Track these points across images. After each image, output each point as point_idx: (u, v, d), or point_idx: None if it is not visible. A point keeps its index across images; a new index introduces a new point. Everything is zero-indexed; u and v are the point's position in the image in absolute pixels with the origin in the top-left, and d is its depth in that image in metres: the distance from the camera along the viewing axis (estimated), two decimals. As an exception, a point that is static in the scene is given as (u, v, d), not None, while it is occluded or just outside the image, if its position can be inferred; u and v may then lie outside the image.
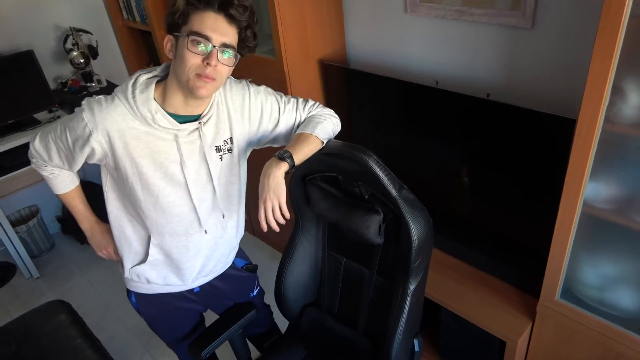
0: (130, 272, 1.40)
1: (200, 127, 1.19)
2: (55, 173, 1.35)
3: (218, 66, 1.08)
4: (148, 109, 1.13)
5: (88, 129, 1.13)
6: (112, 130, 1.13)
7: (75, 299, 2.65)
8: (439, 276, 1.85)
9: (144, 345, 2.39)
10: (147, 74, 1.18)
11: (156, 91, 1.15)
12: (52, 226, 3.24)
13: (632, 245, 1.31)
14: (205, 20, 1.05)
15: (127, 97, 1.13)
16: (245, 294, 1.65)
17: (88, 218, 1.47)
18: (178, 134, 1.17)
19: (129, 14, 2.90)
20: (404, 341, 1.27)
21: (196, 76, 1.07)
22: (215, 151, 1.25)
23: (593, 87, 1.13)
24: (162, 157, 1.18)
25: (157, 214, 1.26)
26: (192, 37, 1.05)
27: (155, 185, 1.21)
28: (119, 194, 1.28)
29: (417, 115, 1.86)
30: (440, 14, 1.76)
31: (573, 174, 1.27)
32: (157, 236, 1.31)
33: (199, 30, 1.05)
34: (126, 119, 1.13)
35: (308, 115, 1.32)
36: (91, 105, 1.14)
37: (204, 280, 1.48)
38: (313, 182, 1.35)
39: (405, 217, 1.16)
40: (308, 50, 2.08)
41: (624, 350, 1.41)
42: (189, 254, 1.36)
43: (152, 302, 1.48)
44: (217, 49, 1.06)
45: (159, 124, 1.15)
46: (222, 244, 1.43)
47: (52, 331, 1.79)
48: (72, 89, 2.87)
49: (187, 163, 1.21)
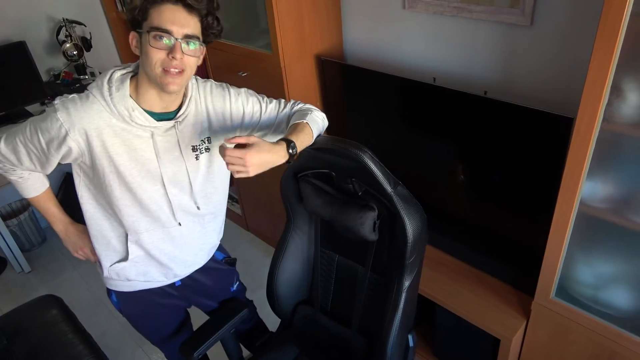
0: (109, 271, 1.37)
1: (176, 125, 1.20)
2: (24, 177, 1.32)
3: (184, 58, 1.07)
4: (125, 107, 1.12)
5: (64, 129, 1.10)
6: (89, 128, 1.11)
7: (67, 294, 2.64)
8: (434, 274, 1.84)
9: (136, 341, 2.38)
10: (122, 70, 1.17)
11: (131, 87, 1.14)
12: (44, 220, 3.19)
13: (627, 245, 1.31)
14: (163, 13, 1.03)
15: (103, 94, 1.12)
16: (226, 289, 1.64)
17: (61, 219, 1.44)
18: (154, 132, 1.17)
19: (123, 6, 2.87)
20: (398, 337, 1.26)
21: (163, 72, 1.07)
22: (191, 150, 1.24)
23: (592, 86, 1.12)
24: (139, 154, 1.18)
25: (134, 210, 1.25)
26: (153, 33, 1.04)
27: (134, 182, 1.20)
28: (94, 192, 1.26)
29: (414, 112, 1.85)
30: (438, 11, 1.75)
31: (570, 172, 1.27)
32: (133, 233, 1.30)
33: (158, 24, 1.03)
34: (103, 116, 1.12)
35: (292, 110, 1.31)
36: (65, 105, 1.11)
37: (186, 273, 1.46)
38: (305, 179, 1.34)
39: (401, 213, 1.15)
40: (305, 45, 2.06)
41: (618, 349, 1.41)
42: (166, 248, 1.35)
43: (133, 300, 1.45)
44: (179, 41, 1.05)
45: (136, 122, 1.14)
46: (202, 240, 1.43)
47: (44, 326, 1.78)
48: (65, 81, 2.84)
49: (164, 160, 1.21)
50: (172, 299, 1.51)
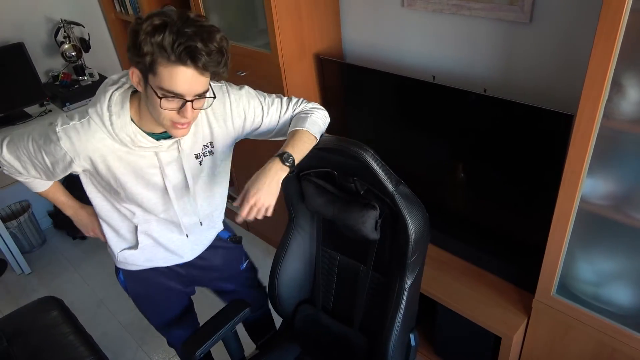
0: (119, 256, 1.43)
1: (178, 141, 1.20)
2: (30, 179, 1.35)
3: (193, 112, 1.05)
4: (127, 133, 1.11)
5: (69, 157, 1.13)
6: (94, 155, 1.14)
7: (67, 295, 2.64)
8: (435, 272, 1.84)
9: (137, 341, 2.38)
10: (119, 88, 1.12)
11: (132, 108, 1.11)
12: (44, 221, 3.21)
13: (628, 242, 1.31)
14: (175, 77, 0.96)
15: (104, 122, 1.10)
16: (235, 267, 1.67)
17: (71, 205, 1.48)
18: (158, 150, 1.18)
19: (121, 7, 2.86)
20: (400, 336, 1.26)
21: (172, 124, 1.05)
22: (194, 158, 1.26)
23: (592, 82, 1.12)
24: (144, 171, 1.20)
25: (141, 212, 1.31)
26: (162, 92, 0.98)
27: (138, 195, 1.24)
28: (102, 190, 1.28)
29: (414, 110, 1.85)
30: (437, 8, 1.74)
31: (571, 169, 1.27)
32: (143, 224, 1.34)
33: (169, 87, 0.97)
34: (106, 144, 1.12)
35: (294, 112, 1.30)
36: (68, 133, 1.10)
37: (191, 256, 1.50)
38: (307, 178, 1.34)
39: (403, 212, 1.15)
40: (304, 44, 2.06)
41: (619, 346, 1.41)
42: (174, 237, 1.40)
43: (139, 280, 1.49)
44: (191, 102, 1.02)
45: (139, 145, 1.14)
46: (210, 229, 1.49)
47: (44, 328, 1.77)
48: (64, 82, 2.83)
49: (167, 172, 1.23)
50: (178, 280, 1.54)
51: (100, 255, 2.98)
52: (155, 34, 0.93)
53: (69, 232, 3.13)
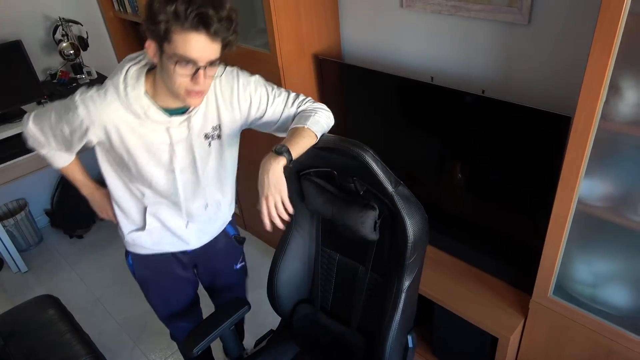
0: (128, 237, 1.47)
1: (188, 118, 1.24)
2: (52, 153, 1.41)
3: (206, 79, 1.10)
4: (140, 105, 1.17)
5: (85, 125, 1.18)
6: (108, 125, 1.18)
7: (64, 294, 2.63)
8: (433, 273, 1.85)
9: (134, 340, 2.37)
10: (136, 64, 1.19)
11: (147, 83, 1.17)
12: (41, 219, 3.20)
13: (625, 243, 1.32)
14: (189, 43, 1.02)
15: (119, 93, 1.16)
16: (230, 265, 1.71)
17: (88, 185, 1.55)
18: (169, 126, 1.23)
19: (120, 5, 2.85)
20: (398, 337, 1.26)
21: (186, 92, 1.10)
22: (204, 138, 1.29)
23: (590, 84, 1.13)
24: (155, 146, 1.24)
25: (151, 192, 1.34)
26: (176, 59, 1.04)
27: (148, 172, 1.28)
28: (115, 167, 1.33)
29: (412, 111, 1.85)
30: (436, 9, 1.75)
31: (568, 171, 1.27)
32: (152, 206, 1.39)
33: (184, 53, 1.03)
34: (120, 114, 1.17)
35: (298, 109, 1.32)
36: (85, 102, 1.17)
37: (197, 245, 1.53)
38: (307, 177, 1.34)
39: (401, 213, 1.15)
40: (303, 44, 2.06)
41: (616, 347, 1.42)
42: (182, 223, 1.44)
43: (146, 265, 1.53)
44: (204, 69, 1.07)
45: (151, 119, 1.19)
46: (217, 218, 1.52)
47: (41, 326, 1.77)
48: (62, 80, 2.83)
49: (177, 150, 1.27)
50: (183, 269, 1.58)
51: (97, 253, 2.97)
52: (169, 3, 0.99)
53: (65, 230, 3.12)
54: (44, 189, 3.16)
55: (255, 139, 1.65)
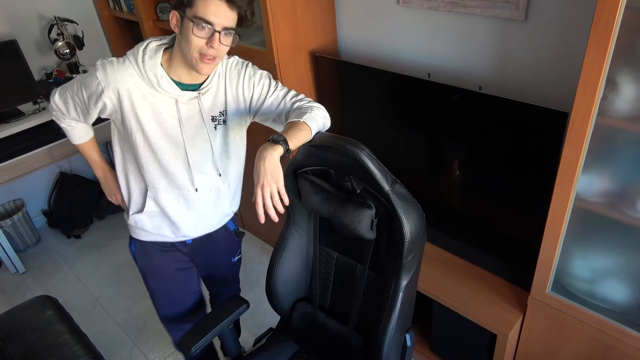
0: (131, 219, 1.52)
1: (199, 96, 1.32)
2: (72, 125, 1.50)
3: (220, 47, 1.19)
4: (154, 74, 1.26)
5: (101, 87, 1.26)
6: (121, 88, 1.26)
7: (62, 294, 2.63)
8: (431, 269, 1.85)
9: (133, 340, 2.37)
10: (158, 41, 1.30)
11: (163, 57, 1.28)
12: (38, 220, 3.19)
13: (622, 239, 1.32)
14: (208, 6, 1.13)
15: (137, 60, 1.26)
16: (228, 258, 1.75)
17: (102, 166, 1.62)
18: (178, 99, 1.30)
19: (115, 4, 2.84)
20: (395, 336, 1.26)
21: (200, 56, 1.19)
22: (211, 120, 1.37)
23: (587, 80, 1.12)
24: (163, 117, 1.31)
25: (155, 169, 1.39)
26: (196, 22, 1.14)
27: (155, 143, 1.34)
28: (123, 146, 1.41)
29: (409, 107, 1.85)
30: (432, 6, 1.74)
31: (566, 167, 1.27)
32: (152, 189, 1.44)
33: (202, 15, 1.14)
34: (134, 80, 1.26)
35: (294, 104, 1.33)
36: (104, 66, 1.27)
37: (194, 235, 1.56)
38: (304, 176, 1.34)
39: (398, 212, 1.14)
40: (299, 41, 2.05)
41: (613, 343, 1.42)
42: (181, 209, 1.48)
43: (147, 252, 1.58)
44: (218, 33, 1.16)
45: (162, 88, 1.27)
46: (216, 208, 1.54)
47: (39, 327, 1.76)
48: (58, 79, 2.81)
49: (186, 126, 1.33)
50: (183, 262, 1.61)
51: (95, 253, 2.97)
52: None
53: (63, 230, 3.11)
54: (41, 189, 3.16)
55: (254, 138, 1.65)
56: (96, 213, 3.23)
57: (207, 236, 1.59)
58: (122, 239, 3.06)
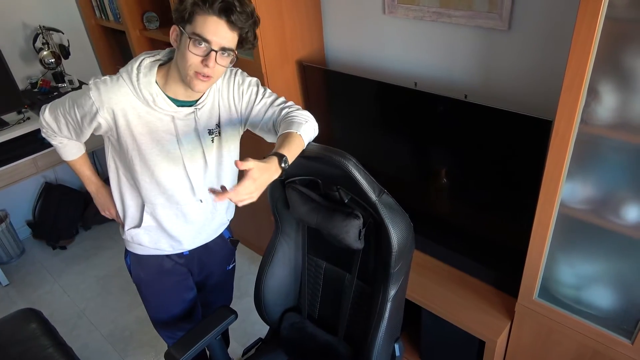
0: (127, 234, 1.50)
1: (195, 112, 1.30)
2: (64, 142, 1.47)
3: (215, 66, 1.16)
4: (149, 92, 1.23)
5: (95, 107, 1.23)
6: (116, 108, 1.23)
7: (47, 307, 2.58)
8: (419, 277, 1.85)
9: (119, 352, 2.33)
10: (151, 57, 1.27)
11: (159, 74, 1.25)
12: (22, 231, 3.14)
13: (607, 245, 1.33)
14: (207, 24, 1.11)
15: (131, 79, 1.23)
16: (223, 265, 1.74)
17: (94, 182, 1.60)
18: (175, 116, 1.28)
19: (102, 13, 2.82)
20: (384, 346, 1.26)
21: (195, 74, 1.17)
22: (208, 134, 1.35)
23: (569, 88, 1.14)
24: (160, 135, 1.29)
25: (152, 186, 1.37)
26: (194, 39, 1.12)
27: (152, 161, 1.32)
28: (119, 163, 1.38)
29: (396, 116, 1.86)
30: (418, 16, 1.76)
31: (550, 174, 1.29)
32: (149, 205, 1.42)
33: (200, 33, 1.11)
34: (129, 99, 1.24)
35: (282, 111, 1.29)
36: (97, 85, 1.24)
37: (193, 246, 1.56)
38: (292, 185, 1.34)
39: (385, 222, 1.15)
40: (286, 51, 2.06)
41: (600, 348, 1.43)
42: (179, 223, 1.46)
43: (143, 266, 1.56)
44: (215, 52, 1.13)
45: (158, 106, 1.25)
46: (214, 219, 1.54)
47: (22, 341, 1.73)
48: (43, 89, 2.78)
49: (183, 141, 1.32)
50: (180, 274, 1.60)
51: (81, 265, 2.93)
52: None
53: (48, 241, 3.06)
54: (25, 199, 3.11)
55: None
56: (82, 223, 3.19)
57: (203, 246, 1.59)
58: (108, 249, 3.02)
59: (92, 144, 1.92)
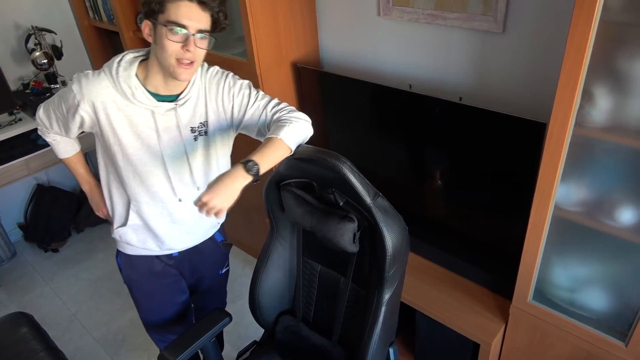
0: (115, 233, 1.50)
1: (175, 107, 1.30)
2: (57, 140, 1.50)
3: (196, 50, 1.18)
4: (128, 85, 1.24)
5: (76, 100, 1.25)
6: (96, 101, 1.25)
7: (38, 310, 2.56)
8: (413, 280, 1.84)
9: (112, 356, 2.31)
10: (135, 53, 1.30)
11: (139, 68, 1.27)
12: (14, 233, 3.11)
13: (601, 248, 1.34)
14: (180, 9, 1.13)
15: (111, 72, 1.25)
16: (215, 269, 1.73)
17: (88, 181, 1.62)
18: (155, 110, 1.28)
19: (95, 14, 2.81)
20: (378, 350, 1.25)
21: (177, 62, 1.18)
22: (190, 131, 1.34)
23: (564, 91, 1.14)
24: (140, 129, 1.29)
25: (136, 182, 1.37)
26: (169, 27, 1.14)
27: (134, 155, 1.32)
28: (107, 159, 1.39)
29: (391, 118, 1.86)
30: (413, 18, 1.76)
31: (544, 177, 1.29)
32: (135, 203, 1.42)
33: (175, 19, 1.13)
34: (109, 92, 1.25)
35: (275, 115, 1.30)
36: (79, 78, 1.26)
37: (180, 248, 1.55)
38: (287, 188, 1.33)
39: (380, 225, 1.14)
40: (281, 52, 2.05)
41: (594, 350, 1.44)
42: (165, 223, 1.46)
43: (133, 266, 1.56)
44: (193, 35, 1.15)
45: (137, 99, 1.26)
46: (201, 220, 1.51)
47: (13, 345, 1.71)
48: (35, 90, 2.76)
49: (163, 137, 1.31)
50: (170, 275, 1.59)
51: (74, 268, 2.90)
52: None
53: (40, 244, 3.03)
54: (17, 201, 3.08)
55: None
56: (74, 226, 3.16)
57: (193, 248, 1.57)
58: (101, 252, 3.00)
59: (86, 145, 1.92)
